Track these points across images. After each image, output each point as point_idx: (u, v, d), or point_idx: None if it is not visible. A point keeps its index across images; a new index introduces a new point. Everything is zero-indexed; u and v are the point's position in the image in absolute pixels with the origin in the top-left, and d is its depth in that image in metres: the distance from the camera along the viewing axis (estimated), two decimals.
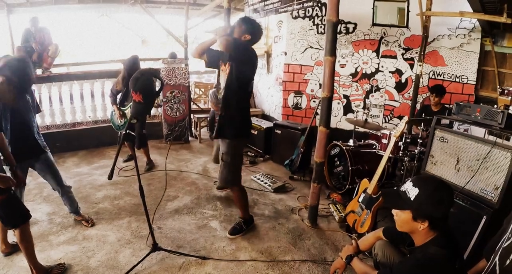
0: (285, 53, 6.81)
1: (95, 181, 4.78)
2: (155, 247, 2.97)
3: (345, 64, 6.54)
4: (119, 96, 5.12)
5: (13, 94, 2.74)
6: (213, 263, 3.00)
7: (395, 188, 4.05)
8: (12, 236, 2.97)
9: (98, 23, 15.42)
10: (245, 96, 3.31)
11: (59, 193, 3.42)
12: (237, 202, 3.54)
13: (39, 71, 6.27)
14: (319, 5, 6.36)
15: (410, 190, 1.80)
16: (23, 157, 2.96)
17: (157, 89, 2.99)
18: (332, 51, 3.27)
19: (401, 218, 1.84)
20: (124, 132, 2.75)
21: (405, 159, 4.01)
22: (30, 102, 3.10)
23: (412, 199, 1.76)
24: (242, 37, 3.09)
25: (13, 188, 2.52)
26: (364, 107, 6.14)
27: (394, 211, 1.90)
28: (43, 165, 3.22)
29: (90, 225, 3.54)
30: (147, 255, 2.94)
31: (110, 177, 2.61)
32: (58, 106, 6.19)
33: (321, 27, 6.51)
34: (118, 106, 5.08)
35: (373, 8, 6.21)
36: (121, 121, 5.10)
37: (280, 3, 4.31)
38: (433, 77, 6.14)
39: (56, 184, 3.34)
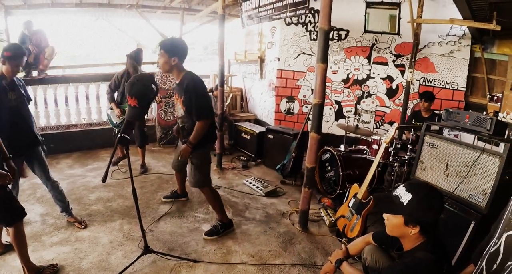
0: (278, 59, 6.86)
1: (88, 183, 4.80)
2: (147, 250, 2.99)
3: (337, 71, 6.60)
4: (116, 94, 5.08)
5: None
6: (204, 266, 3.02)
7: (386, 192, 4.10)
8: (5, 237, 3.00)
9: (96, 26, 15.50)
10: None
11: (49, 187, 3.46)
12: (210, 202, 3.62)
13: (35, 73, 6.29)
14: (312, 12, 6.44)
15: (403, 195, 1.81)
16: (20, 150, 3.07)
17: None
18: (324, 58, 3.30)
19: (393, 222, 1.85)
20: (119, 135, 2.77)
21: (395, 164, 4.06)
22: (26, 100, 3.24)
23: (405, 203, 1.78)
24: (172, 62, 3.14)
25: (9, 186, 2.56)
26: (355, 113, 6.20)
27: (385, 215, 1.91)
28: (34, 157, 3.30)
29: (82, 226, 3.56)
30: (139, 257, 2.95)
31: (104, 179, 2.63)
32: (53, 108, 6.22)
33: (313, 33, 6.58)
34: (116, 103, 5.00)
35: (365, 15, 6.29)
36: (120, 119, 5.00)
37: (273, 10, 4.33)
38: (424, 83, 6.21)
39: (45, 177, 3.40)
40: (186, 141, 3.29)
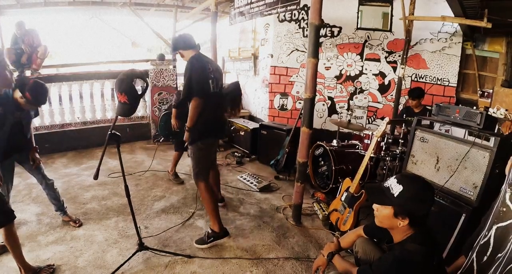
0: (272, 56, 6.86)
1: (83, 181, 4.81)
2: (142, 247, 3.01)
3: (330, 67, 6.61)
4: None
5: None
6: (199, 262, 3.05)
7: (376, 182, 4.14)
8: (1, 237, 2.99)
9: (90, 25, 15.42)
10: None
11: (43, 186, 3.47)
12: (203, 201, 3.42)
13: (28, 73, 6.23)
14: (305, 9, 6.44)
15: (394, 186, 1.82)
16: (12, 152, 3.12)
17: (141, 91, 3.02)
18: (314, 53, 3.33)
19: (382, 213, 1.85)
20: (109, 132, 2.78)
21: (387, 158, 4.10)
22: (31, 118, 3.33)
23: (395, 195, 1.78)
24: (179, 55, 3.45)
25: None
26: (348, 109, 6.23)
27: (375, 206, 1.91)
28: (27, 158, 3.31)
29: (78, 225, 3.57)
30: (134, 254, 2.98)
31: (95, 177, 2.65)
32: (47, 108, 6.19)
33: (306, 30, 6.57)
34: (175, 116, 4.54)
35: (357, 13, 6.31)
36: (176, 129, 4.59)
37: (265, 6, 4.36)
38: (415, 79, 6.25)
39: (41, 176, 3.41)
40: None
